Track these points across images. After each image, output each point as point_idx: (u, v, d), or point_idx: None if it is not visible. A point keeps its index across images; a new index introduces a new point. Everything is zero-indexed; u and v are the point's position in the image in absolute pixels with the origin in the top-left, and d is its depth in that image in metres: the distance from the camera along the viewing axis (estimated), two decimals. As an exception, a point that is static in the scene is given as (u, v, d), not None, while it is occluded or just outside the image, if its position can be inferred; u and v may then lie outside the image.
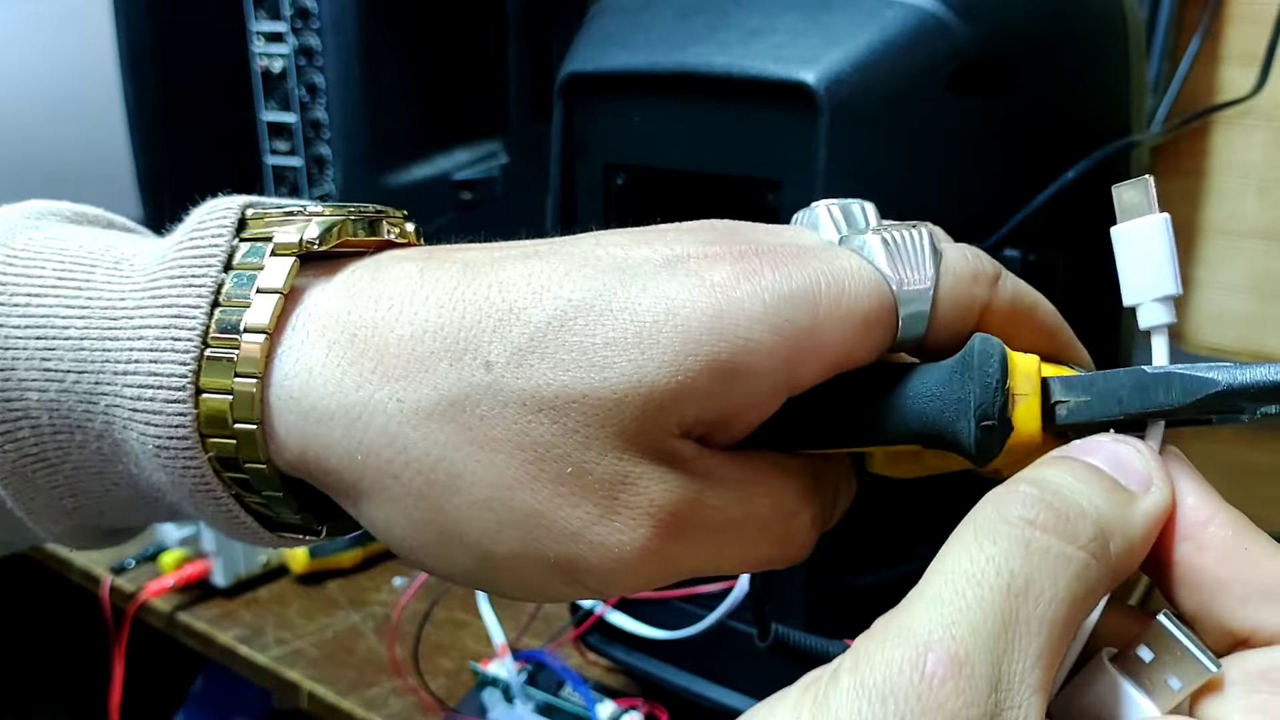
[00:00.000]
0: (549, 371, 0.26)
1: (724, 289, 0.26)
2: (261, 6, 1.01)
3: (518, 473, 0.26)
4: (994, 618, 0.22)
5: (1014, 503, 0.24)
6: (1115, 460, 0.26)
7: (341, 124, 1.00)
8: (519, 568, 0.27)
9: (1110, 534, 0.24)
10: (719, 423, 0.27)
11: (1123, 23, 0.54)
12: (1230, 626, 0.25)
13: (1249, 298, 1.11)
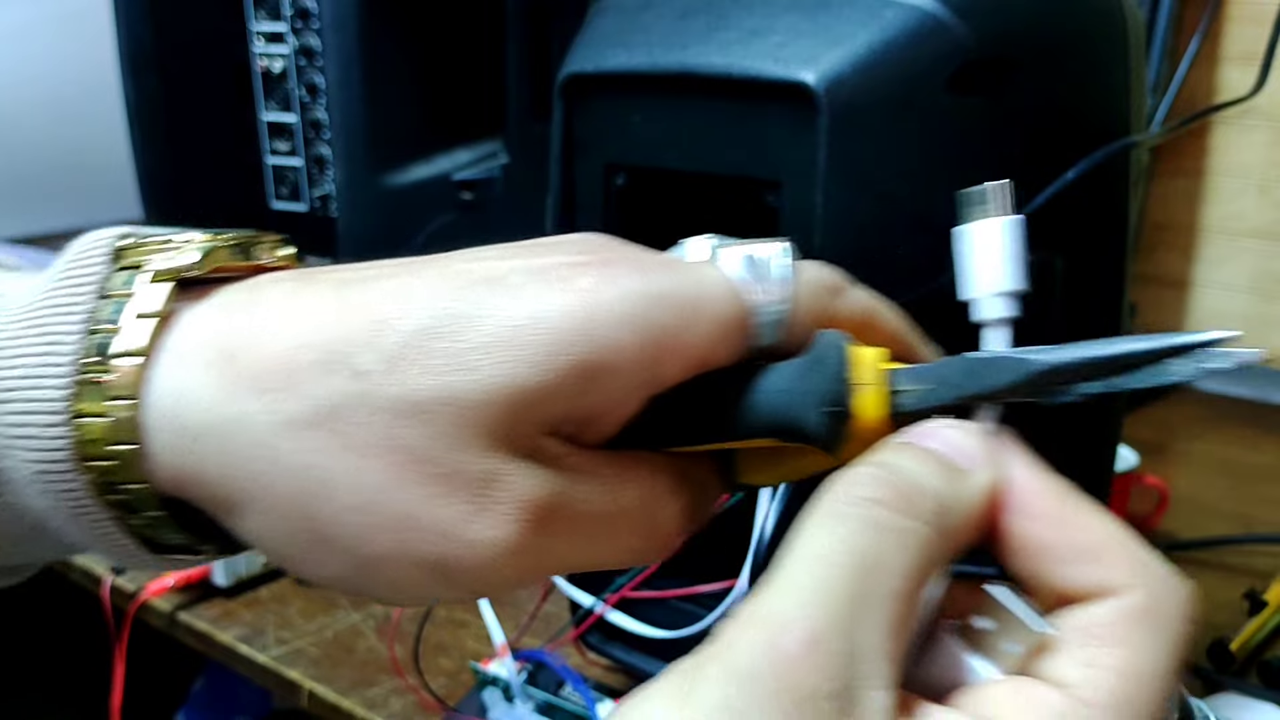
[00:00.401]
0: (418, 377, 0.27)
1: (589, 293, 0.27)
2: (262, 7, 1.02)
3: (388, 476, 0.27)
4: (845, 594, 0.23)
5: (858, 484, 0.26)
6: (948, 443, 0.27)
7: (342, 124, 1.01)
8: (393, 570, 0.28)
9: (948, 509, 0.26)
10: (586, 421, 0.28)
11: (1122, 23, 0.54)
12: (1058, 587, 0.26)
13: (1249, 298, 1.11)
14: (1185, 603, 0.26)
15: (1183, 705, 0.47)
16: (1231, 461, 1.00)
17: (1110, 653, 0.25)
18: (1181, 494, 0.92)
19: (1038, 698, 0.25)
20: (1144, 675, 0.25)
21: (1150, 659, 0.25)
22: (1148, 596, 0.26)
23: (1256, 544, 0.84)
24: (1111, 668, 0.25)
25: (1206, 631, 0.72)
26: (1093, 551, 0.26)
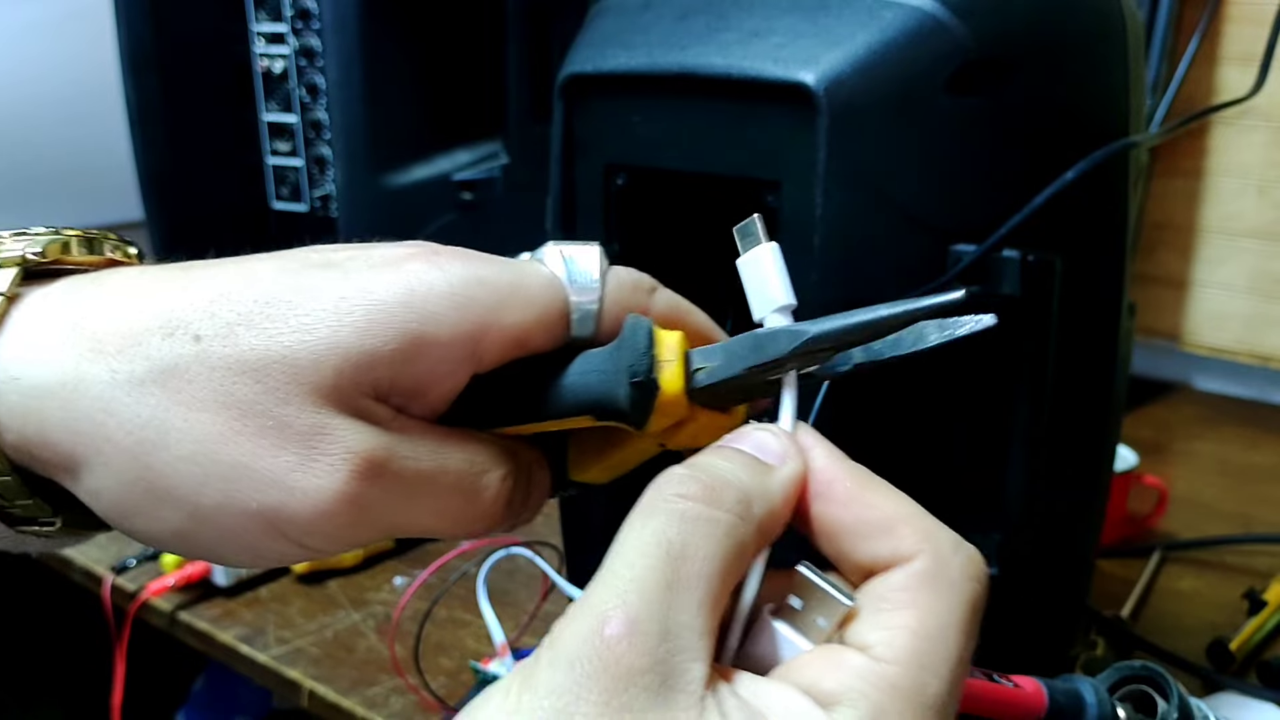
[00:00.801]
0: (253, 339, 0.29)
1: (416, 274, 0.30)
2: (262, 8, 1.02)
3: (222, 428, 0.29)
4: (659, 580, 0.26)
5: (669, 482, 0.28)
6: (756, 443, 0.30)
7: (342, 124, 1.01)
8: (226, 520, 0.30)
9: (752, 499, 0.29)
10: (413, 390, 0.31)
11: (1121, 23, 0.54)
12: (860, 562, 0.29)
13: (1248, 298, 1.11)
14: (970, 563, 0.29)
15: (1182, 705, 0.47)
16: (1230, 461, 1.00)
17: (902, 614, 0.28)
18: (1181, 494, 0.92)
19: (842, 661, 0.28)
20: (934, 631, 0.28)
21: (939, 616, 0.28)
22: (934, 560, 0.29)
23: (1256, 544, 0.84)
24: (904, 627, 0.28)
25: (1206, 631, 0.72)
26: (884, 526, 0.29)
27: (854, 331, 0.31)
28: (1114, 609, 0.73)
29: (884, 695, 0.27)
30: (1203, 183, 1.12)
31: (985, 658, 0.47)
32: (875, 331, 0.31)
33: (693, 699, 0.26)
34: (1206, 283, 1.14)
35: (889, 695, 0.27)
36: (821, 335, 0.31)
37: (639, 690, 0.25)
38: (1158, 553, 0.81)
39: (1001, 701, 0.45)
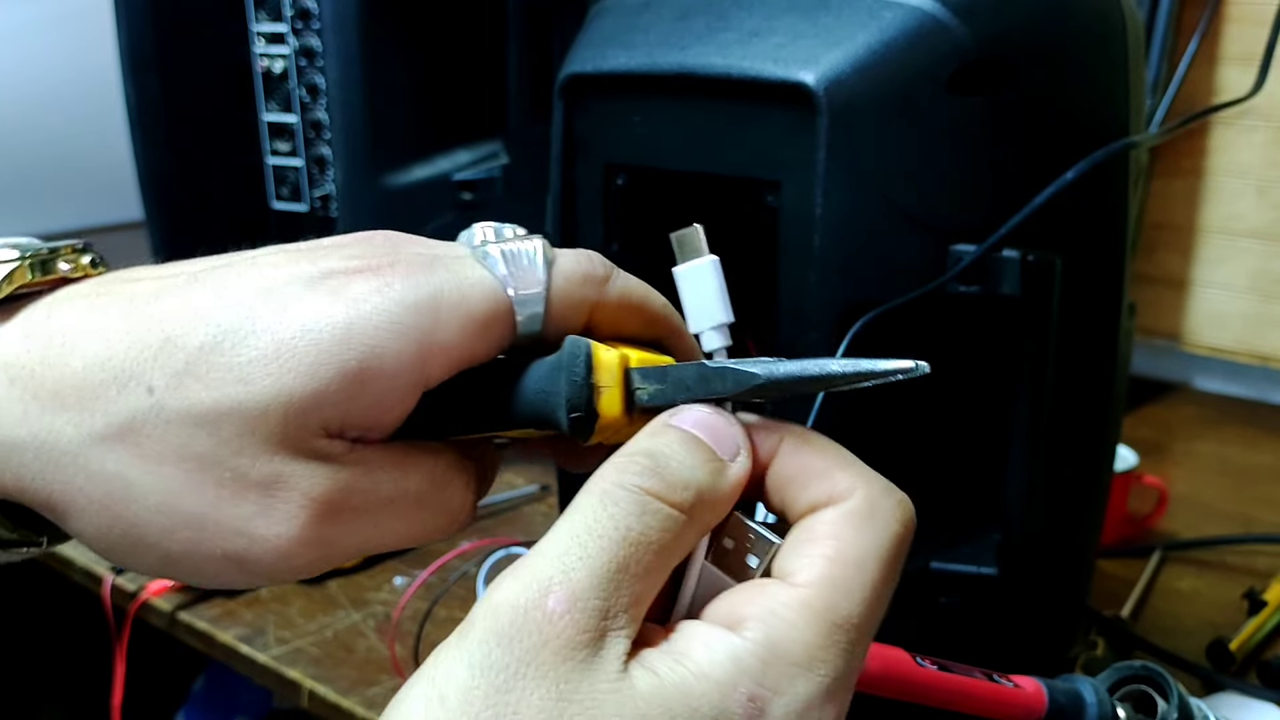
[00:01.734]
0: (203, 391, 0.30)
1: (356, 303, 0.30)
2: (262, 7, 1.02)
3: (183, 481, 0.30)
4: (610, 563, 0.27)
5: (633, 472, 0.29)
6: (711, 430, 0.31)
7: (342, 124, 1.01)
8: (195, 562, 0.31)
9: (706, 501, 0.30)
10: (363, 421, 0.31)
11: (1121, 24, 0.54)
12: (800, 508, 0.31)
13: (1248, 298, 1.11)
14: (899, 507, 0.31)
15: (1182, 705, 0.47)
16: (1231, 461, 1.00)
17: (823, 544, 0.30)
18: (1181, 494, 0.92)
19: (761, 589, 0.29)
20: (852, 559, 0.29)
21: (859, 548, 0.29)
22: (864, 500, 0.30)
23: (1256, 544, 0.84)
24: (822, 555, 0.29)
25: (1206, 631, 0.72)
26: (821, 472, 0.31)
27: (802, 384, 0.32)
28: (1114, 609, 0.73)
29: (793, 613, 0.28)
30: (1203, 183, 1.12)
31: (985, 658, 0.47)
32: (823, 386, 0.32)
33: (616, 667, 0.27)
34: (1206, 283, 1.14)
35: (797, 613, 0.28)
36: (769, 384, 0.32)
37: (574, 664, 0.26)
38: (1158, 553, 0.81)
39: (1002, 701, 0.45)
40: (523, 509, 0.92)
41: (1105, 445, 0.60)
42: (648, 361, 0.34)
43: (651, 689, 0.27)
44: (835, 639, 0.29)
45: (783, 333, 0.50)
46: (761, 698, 0.27)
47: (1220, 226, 1.12)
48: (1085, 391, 0.57)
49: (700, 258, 0.35)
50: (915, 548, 0.53)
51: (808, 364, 0.32)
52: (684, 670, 0.27)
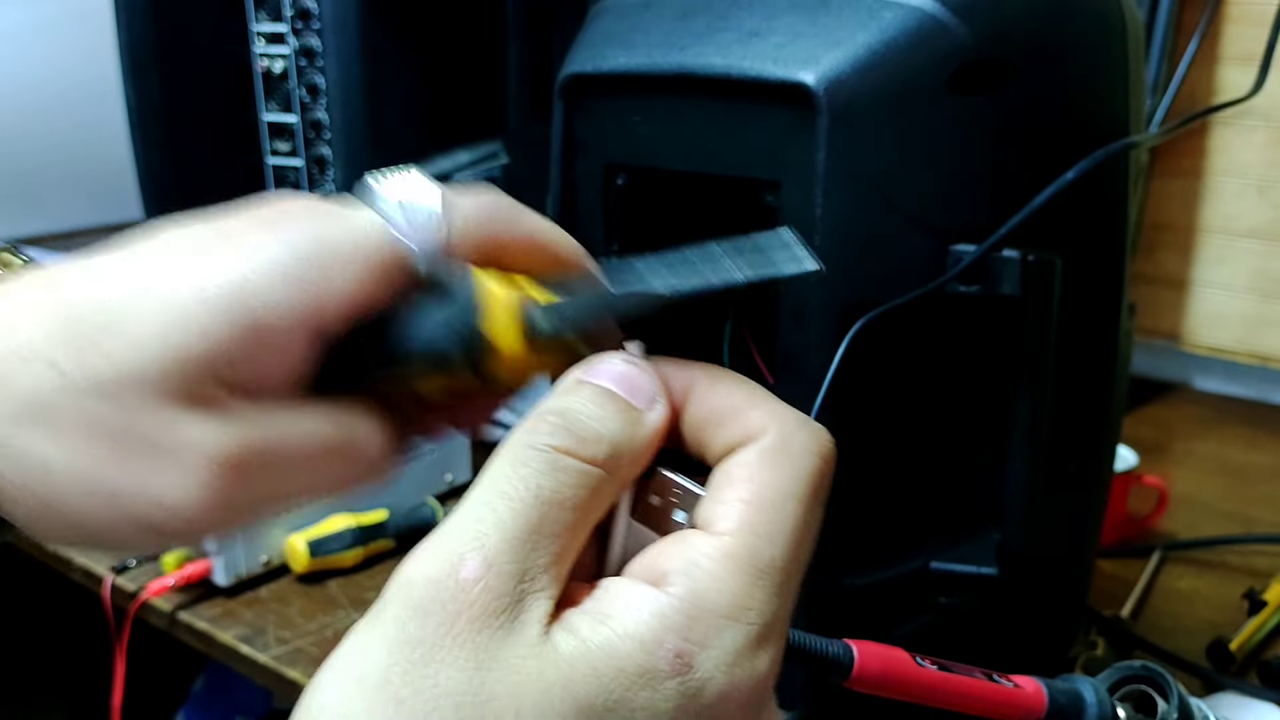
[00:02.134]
0: (104, 363, 0.30)
1: (247, 258, 0.31)
2: (263, 8, 1.02)
3: (93, 455, 0.30)
4: (524, 525, 0.27)
5: (543, 432, 0.29)
6: (625, 381, 0.31)
7: (342, 124, 1.01)
8: (121, 534, 0.32)
9: (623, 452, 0.29)
10: (260, 374, 0.31)
11: (1121, 24, 0.54)
12: (717, 450, 0.30)
13: (1247, 298, 1.12)
14: (813, 439, 0.30)
15: (1182, 705, 0.47)
16: (1230, 461, 1.00)
17: (740, 487, 0.29)
18: (1180, 494, 0.92)
19: (682, 541, 0.29)
20: (770, 501, 0.29)
21: (776, 487, 0.29)
22: (777, 436, 0.29)
23: (1256, 544, 0.84)
24: (739, 499, 0.29)
25: (1206, 631, 0.72)
26: (733, 411, 0.30)
27: (707, 293, 0.32)
28: (1114, 609, 0.73)
29: (715, 563, 0.28)
30: (1202, 183, 1.12)
31: (985, 658, 0.47)
32: (727, 290, 0.32)
33: (537, 632, 0.27)
34: (1206, 283, 1.14)
35: (720, 562, 0.28)
36: (673, 298, 0.32)
37: (493, 631, 0.26)
38: (1158, 553, 0.81)
39: (1002, 701, 0.45)
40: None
41: (1105, 445, 0.60)
42: (534, 298, 0.33)
43: (574, 651, 0.26)
44: (760, 584, 0.28)
45: (783, 332, 0.50)
46: (688, 653, 0.27)
47: (1220, 226, 1.12)
48: (1085, 391, 0.57)
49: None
50: (915, 547, 0.54)
51: (710, 273, 0.32)
52: (607, 631, 0.27)
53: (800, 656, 0.42)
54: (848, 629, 0.45)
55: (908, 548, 0.54)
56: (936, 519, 0.55)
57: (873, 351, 0.48)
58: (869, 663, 0.43)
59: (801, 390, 0.50)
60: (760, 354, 0.57)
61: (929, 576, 0.53)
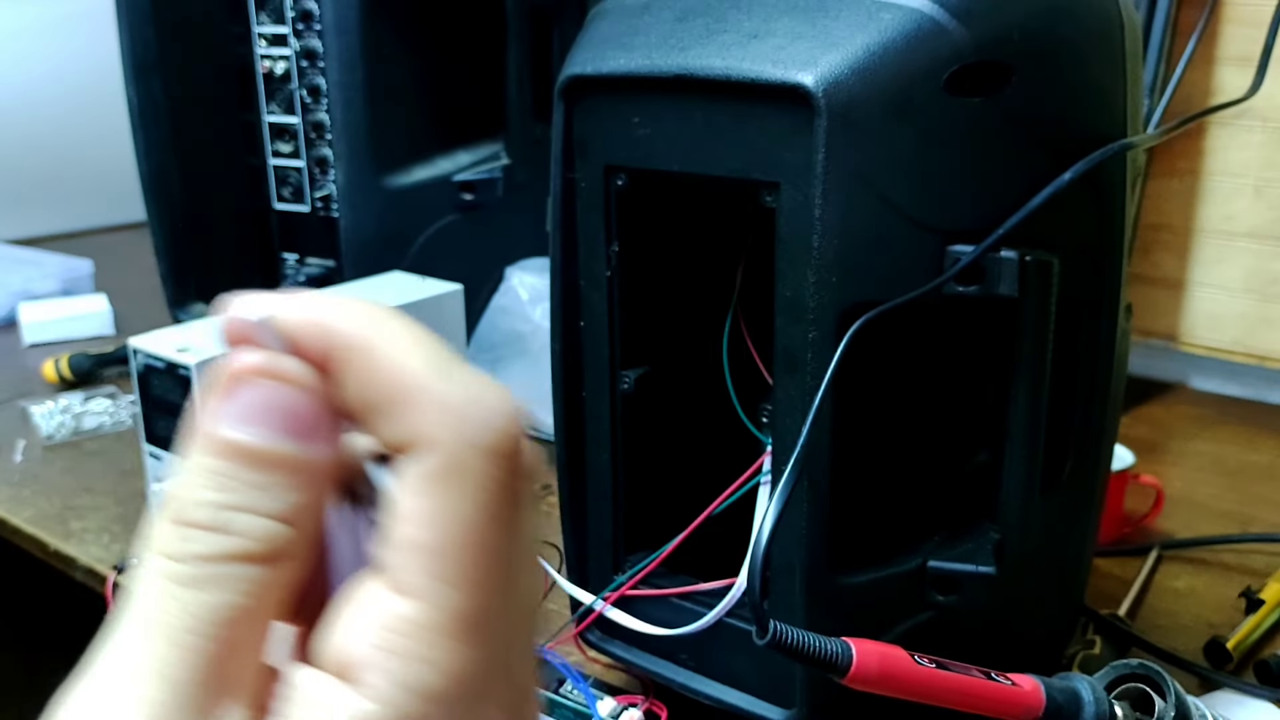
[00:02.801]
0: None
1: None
2: (264, 9, 1.02)
3: None
4: (154, 691, 0.23)
5: (155, 548, 0.24)
6: (247, 416, 0.24)
7: (344, 126, 1.01)
8: None
9: (272, 534, 0.24)
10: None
11: (1119, 25, 0.54)
12: (387, 445, 0.24)
13: (1245, 298, 1.12)
14: (494, 439, 0.24)
15: (1179, 703, 0.47)
16: (1228, 461, 1.01)
17: (416, 527, 0.23)
18: (1177, 493, 0.92)
19: (368, 612, 0.23)
20: (455, 542, 0.23)
21: (460, 521, 0.23)
22: (448, 455, 0.23)
23: (1252, 543, 0.85)
24: (421, 546, 0.23)
25: (1203, 630, 0.72)
26: (397, 401, 0.24)
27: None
28: (1111, 608, 0.73)
29: (412, 642, 0.23)
30: (1200, 183, 1.12)
31: (983, 656, 0.47)
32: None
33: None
34: (1203, 283, 1.14)
35: (418, 640, 0.23)
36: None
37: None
38: (1155, 551, 0.82)
39: (1000, 700, 0.45)
40: (523, 508, 0.92)
41: (1102, 444, 0.60)
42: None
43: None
44: (469, 641, 0.23)
45: (781, 333, 0.50)
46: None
47: (1217, 227, 1.12)
48: (1082, 391, 0.57)
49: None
50: (913, 546, 0.54)
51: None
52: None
53: (799, 655, 0.43)
54: (846, 628, 0.46)
55: (906, 546, 0.54)
56: (934, 518, 0.56)
57: (871, 351, 0.49)
58: (867, 661, 0.43)
59: (800, 390, 0.50)
60: (759, 354, 0.58)
61: (927, 575, 0.53)
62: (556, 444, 0.62)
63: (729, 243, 0.61)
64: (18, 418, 1.09)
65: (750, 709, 0.57)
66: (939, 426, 0.57)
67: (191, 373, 0.73)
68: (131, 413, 1.08)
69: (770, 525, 0.43)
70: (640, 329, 0.59)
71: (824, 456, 0.50)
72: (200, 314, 1.17)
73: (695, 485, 0.58)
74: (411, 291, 0.88)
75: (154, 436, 0.78)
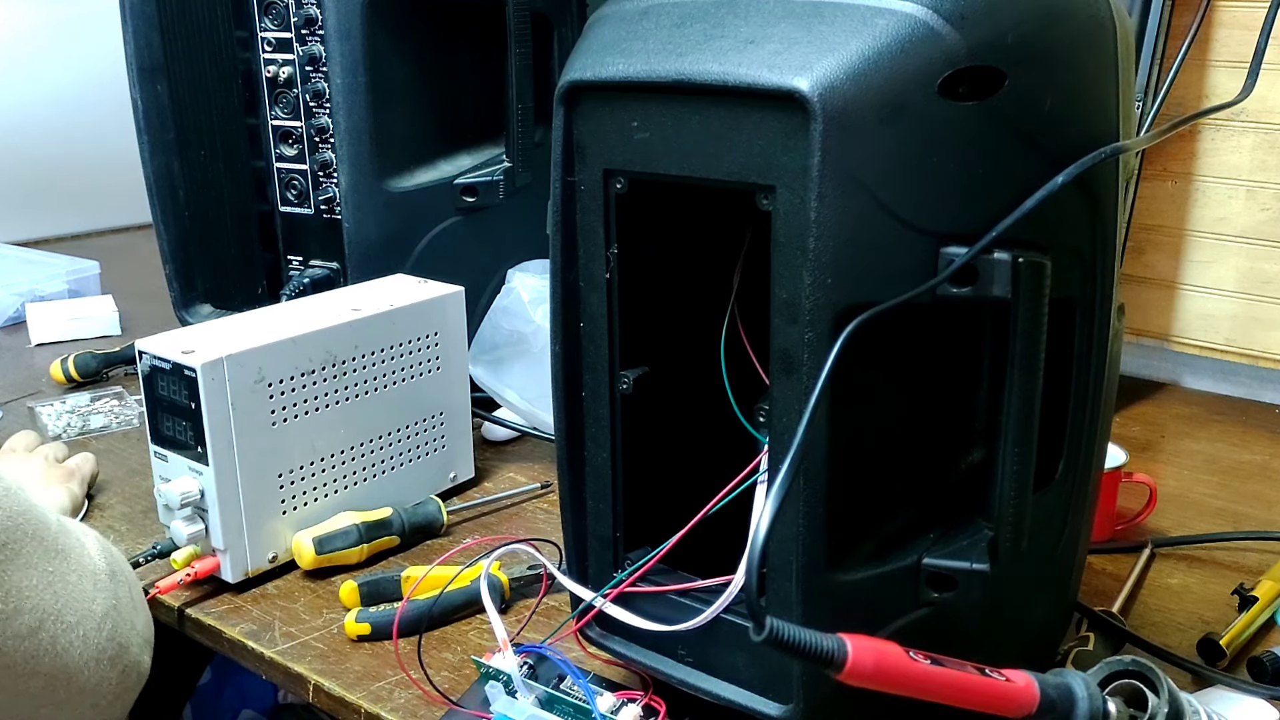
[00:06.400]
0: None
1: None
2: (268, 15, 1.03)
3: None
4: None
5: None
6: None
7: (346, 130, 1.01)
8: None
9: None
10: None
11: (1111, 30, 0.54)
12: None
13: (1237, 298, 1.12)
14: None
15: (1172, 700, 0.48)
16: (1220, 459, 1.01)
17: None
18: (1170, 491, 0.93)
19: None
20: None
21: None
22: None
23: (1245, 540, 0.85)
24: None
25: (1197, 627, 0.73)
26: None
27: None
28: (1105, 604, 0.74)
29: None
30: (1192, 185, 1.13)
31: (978, 652, 0.48)
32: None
33: None
34: (1196, 283, 1.15)
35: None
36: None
37: None
38: (1148, 549, 0.82)
39: (994, 695, 0.46)
40: (525, 506, 0.93)
41: (1096, 443, 0.61)
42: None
43: None
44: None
45: (778, 334, 0.51)
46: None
47: (1210, 228, 1.12)
48: (1075, 390, 0.58)
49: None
50: (908, 543, 0.54)
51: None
52: None
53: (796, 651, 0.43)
54: (842, 624, 0.46)
55: (901, 543, 0.55)
56: (929, 515, 0.56)
57: (866, 352, 0.49)
58: (863, 657, 0.43)
59: (796, 390, 0.51)
60: (756, 354, 0.58)
61: (922, 572, 0.54)
62: (557, 443, 0.63)
63: (726, 245, 0.61)
64: (25, 417, 1.10)
65: (748, 704, 0.57)
66: (933, 425, 0.57)
67: (197, 374, 0.74)
68: (138, 412, 1.09)
69: (767, 523, 0.43)
70: (639, 330, 0.59)
71: (820, 455, 0.51)
72: (206, 315, 1.18)
73: (693, 484, 0.58)
74: (413, 294, 0.89)
75: (160, 436, 0.79)
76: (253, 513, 0.79)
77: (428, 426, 0.90)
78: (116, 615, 0.67)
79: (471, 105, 1.11)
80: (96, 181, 1.78)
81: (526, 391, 0.97)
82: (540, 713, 0.63)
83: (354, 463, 0.85)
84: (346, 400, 0.83)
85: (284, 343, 0.79)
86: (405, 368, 0.88)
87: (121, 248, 1.73)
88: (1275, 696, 0.65)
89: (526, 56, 1.06)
